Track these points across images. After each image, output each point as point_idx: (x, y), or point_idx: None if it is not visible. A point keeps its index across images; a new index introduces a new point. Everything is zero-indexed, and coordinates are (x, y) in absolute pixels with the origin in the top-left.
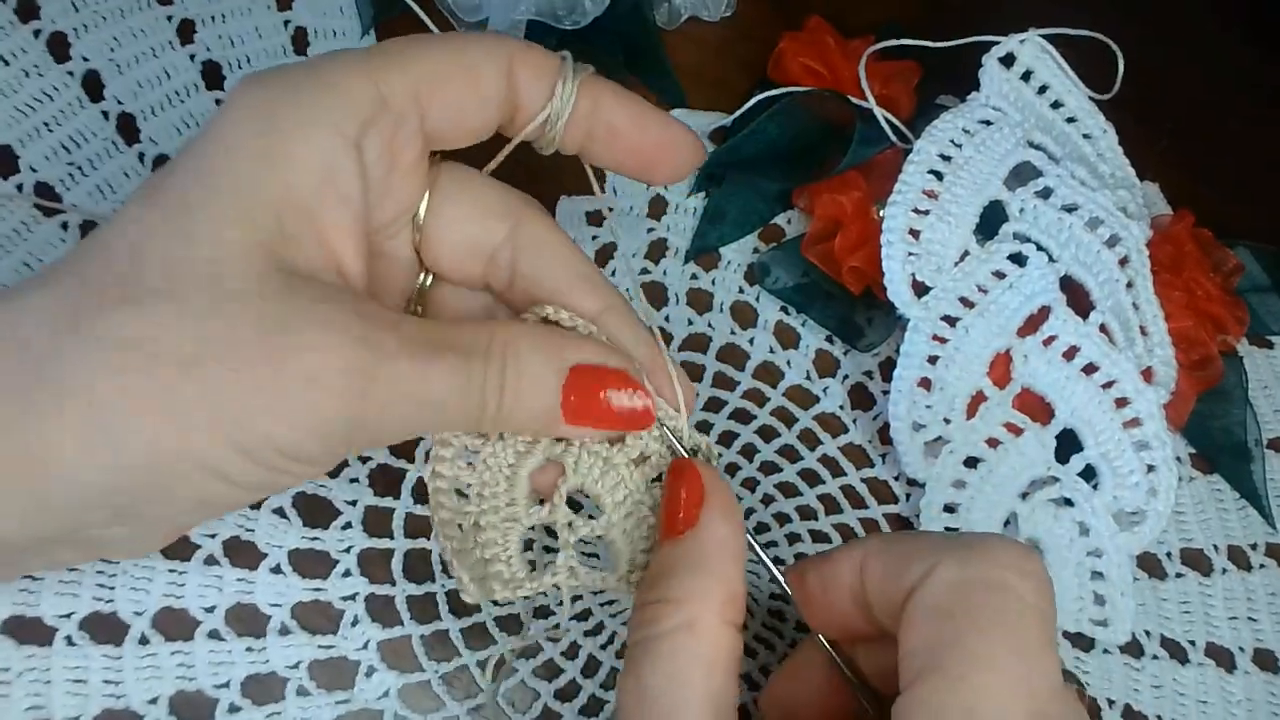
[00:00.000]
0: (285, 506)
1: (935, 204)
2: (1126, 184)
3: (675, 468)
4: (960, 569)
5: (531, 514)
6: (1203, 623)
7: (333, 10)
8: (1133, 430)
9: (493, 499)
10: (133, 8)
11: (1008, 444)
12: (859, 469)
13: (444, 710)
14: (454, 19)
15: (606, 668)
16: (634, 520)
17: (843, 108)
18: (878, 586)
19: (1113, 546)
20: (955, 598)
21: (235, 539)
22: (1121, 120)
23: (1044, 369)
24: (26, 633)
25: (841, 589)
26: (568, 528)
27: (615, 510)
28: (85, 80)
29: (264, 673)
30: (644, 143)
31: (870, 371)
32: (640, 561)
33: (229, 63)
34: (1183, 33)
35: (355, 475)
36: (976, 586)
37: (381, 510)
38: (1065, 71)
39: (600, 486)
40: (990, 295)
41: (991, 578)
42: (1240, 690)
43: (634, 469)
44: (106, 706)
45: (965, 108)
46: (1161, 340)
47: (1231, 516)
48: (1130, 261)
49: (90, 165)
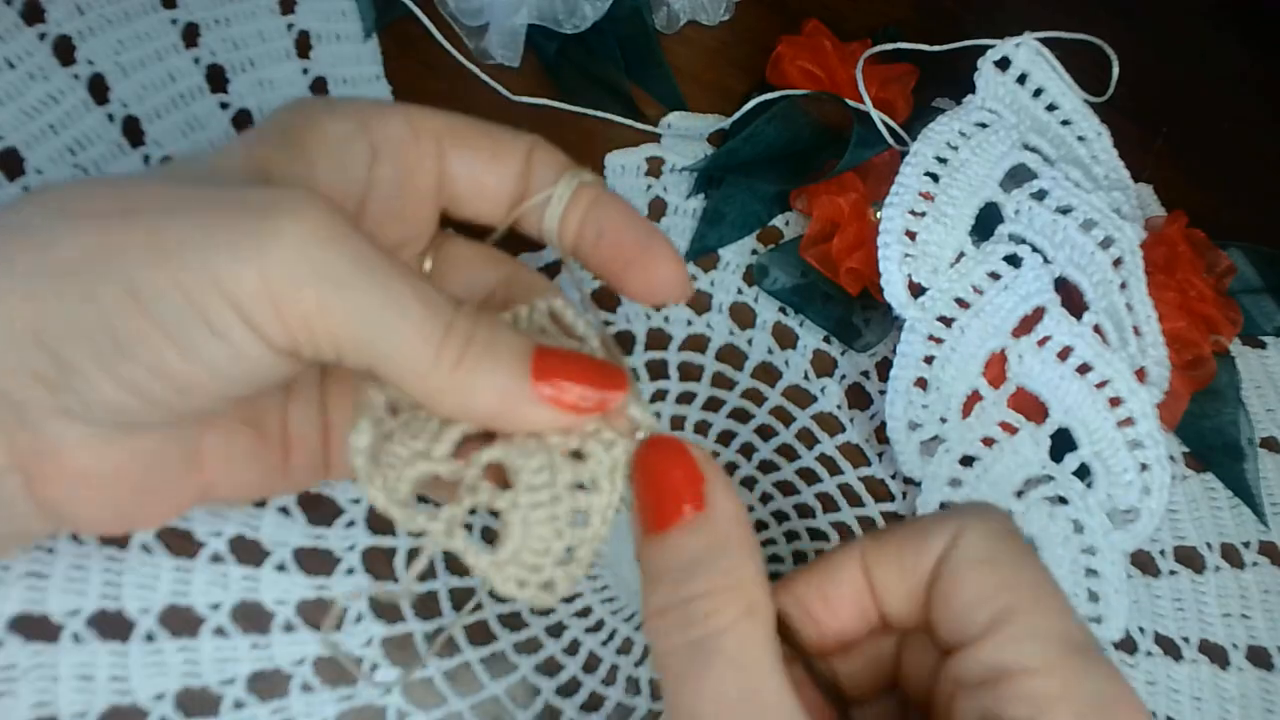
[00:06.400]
0: (290, 505)
1: (931, 206)
2: (1120, 186)
3: (656, 446)
4: (985, 524)
5: (443, 461)
6: (1196, 620)
7: (335, 14)
8: (1126, 429)
9: (416, 424)
10: (138, 12)
11: (1003, 443)
12: (856, 468)
13: (447, 706)
14: (455, 23)
15: (607, 664)
16: (543, 514)
17: (840, 110)
18: (892, 571)
19: (1106, 544)
20: (998, 548)
21: (240, 537)
22: (1116, 122)
23: (1039, 369)
24: (33, 629)
25: (843, 589)
26: (470, 487)
27: (527, 493)
28: (90, 83)
29: (269, 669)
30: (622, 253)
31: (867, 371)
32: (524, 560)
33: (233, 66)
34: (1177, 35)
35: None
36: (1005, 537)
37: None
38: (1060, 74)
39: (523, 462)
40: (985, 296)
41: (1008, 529)
42: (1234, 687)
43: (565, 463)
44: (113, 703)
45: (961, 110)
46: (1155, 340)
47: (1224, 515)
48: (1124, 263)
49: (95, 168)
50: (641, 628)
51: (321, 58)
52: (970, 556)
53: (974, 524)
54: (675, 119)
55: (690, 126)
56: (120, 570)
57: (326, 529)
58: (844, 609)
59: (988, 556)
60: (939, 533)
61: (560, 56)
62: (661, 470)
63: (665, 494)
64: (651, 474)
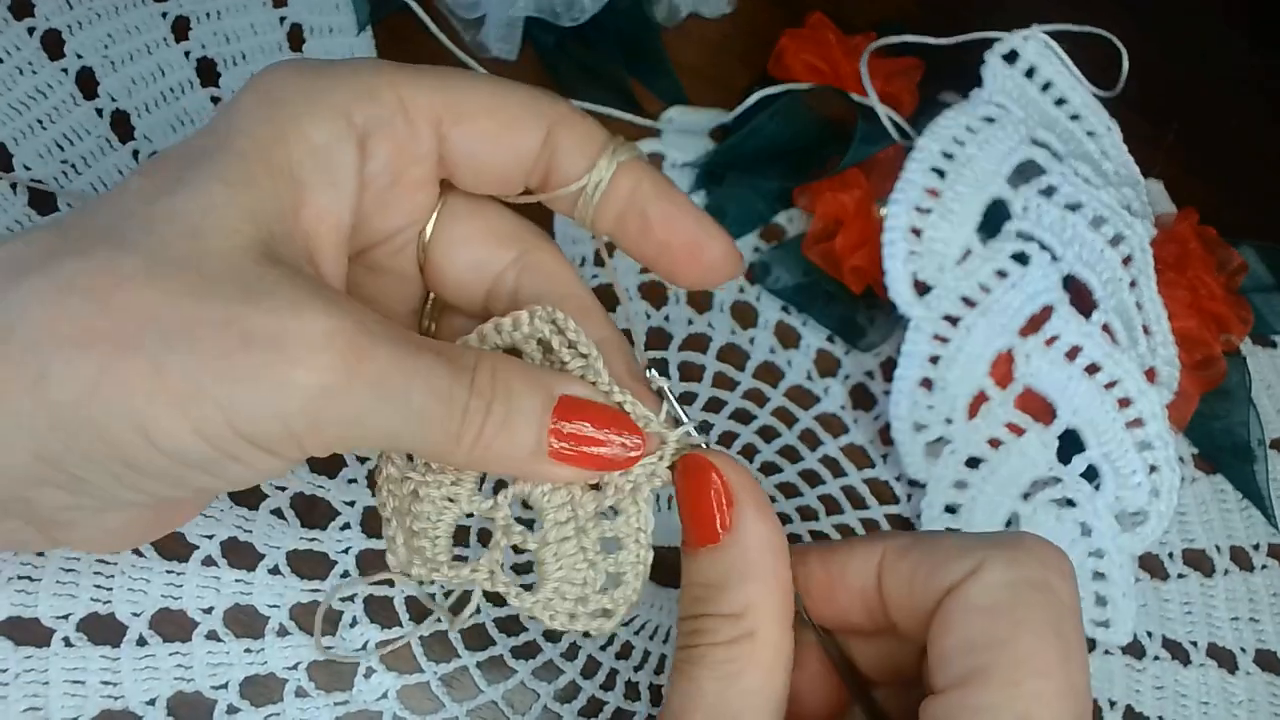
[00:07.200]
0: (283, 507)
1: (937, 202)
2: (1130, 182)
3: (689, 466)
4: (1009, 569)
5: (474, 501)
6: (1205, 623)
7: (329, 7)
8: (1135, 430)
9: (439, 472)
10: (126, 4)
11: (1009, 444)
12: (860, 469)
13: (443, 711)
14: (452, 16)
15: (606, 669)
16: (572, 547)
17: (844, 105)
18: (903, 585)
19: (1115, 547)
20: (1006, 598)
21: (233, 540)
22: (1125, 118)
23: (1046, 369)
24: (24, 634)
25: (850, 582)
26: (504, 529)
27: (554, 530)
28: (79, 77)
29: (262, 674)
30: (674, 240)
31: (871, 371)
32: (566, 593)
33: (224, 59)
34: (1187, 30)
35: (353, 476)
36: (1026, 588)
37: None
38: (1069, 68)
39: (546, 501)
40: (992, 294)
41: (1038, 579)
42: (1242, 691)
43: (585, 494)
44: (104, 708)
45: (968, 105)
46: (1165, 340)
47: (1234, 517)
48: (1134, 260)
49: (84, 163)
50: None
51: (314, 52)
52: (973, 601)
53: (997, 563)
54: (676, 114)
55: (691, 121)
56: (111, 574)
57: (321, 531)
58: (845, 596)
59: (992, 604)
60: (959, 564)
61: (559, 50)
62: (693, 489)
63: (700, 512)
64: (685, 495)
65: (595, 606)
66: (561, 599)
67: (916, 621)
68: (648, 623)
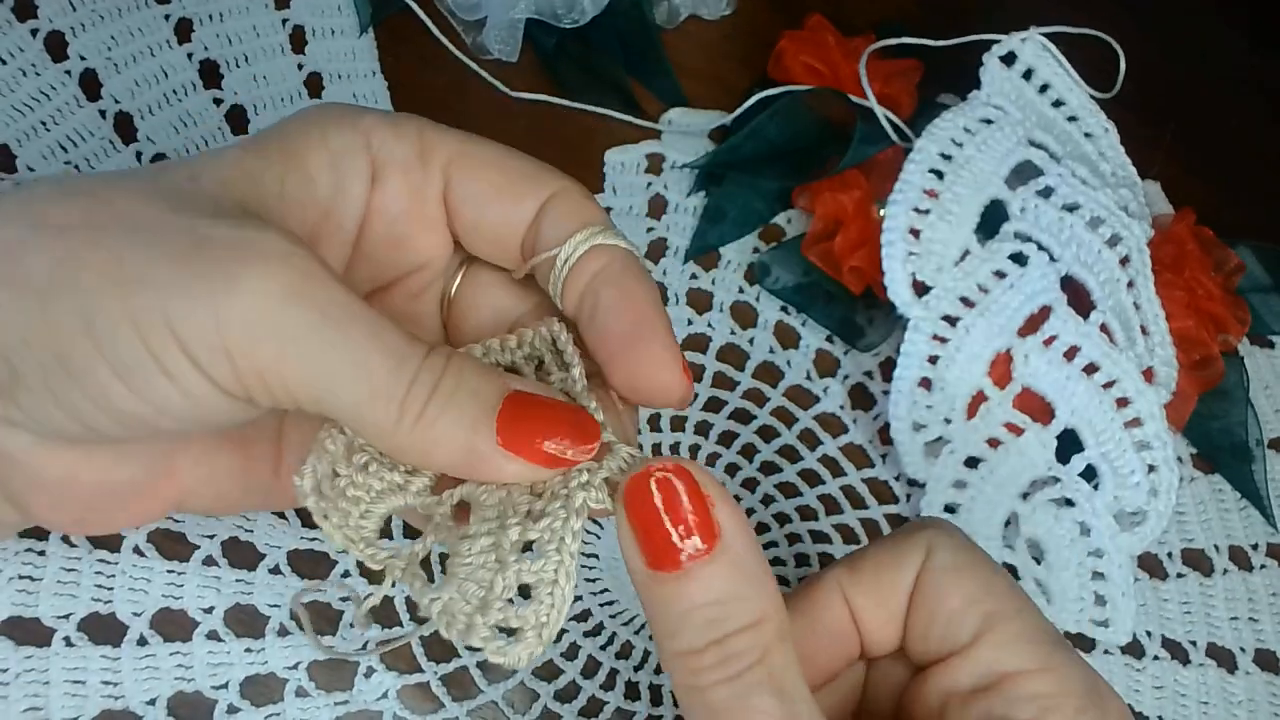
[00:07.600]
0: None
1: (936, 203)
2: (1128, 183)
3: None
4: (949, 535)
5: (419, 494)
6: (1204, 623)
7: (330, 9)
8: (1134, 430)
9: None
10: (130, 6)
11: (1008, 444)
12: (859, 469)
13: (443, 711)
14: (452, 17)
15: (606, 669)
16: (486, 542)
17: (843, 106)
18: (873, 596)
19: (1113, 547)
20: (967, 557)
21: (234, 540)
22: (1123, 119)
23: (1045, 369)
24: (24, 633)
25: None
26: (435, 526)
27: (477, 524)
28: (82, 79)
29: (263, 673)
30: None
31: (870, 371)
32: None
33: (226, 61)
34: (1185, 31)
35: None
36: (968, 545)
37: None
38: (1066, 70)
39: (483, 498)
40: (991, 295)
41: (966, 538)
42: (1242, 691)
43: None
44: (105, 707)
45: (966, 106)
46: (1162, 340)
47: (1233, 517)
48: (1131, 261)
49: (87, 164)
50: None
51: (316, 53)
52: (948, 566)
53: (940, 536)
54: (676, 115)
55: (691, 123)
56: (112, 574)
57: (321, 531)
58: (829, 644)
59: (964, 564)
60: (912, 548)
61: (559, 51)
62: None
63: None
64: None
65: (498, 617)
66: (464, 601)
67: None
68: (648, 623)
